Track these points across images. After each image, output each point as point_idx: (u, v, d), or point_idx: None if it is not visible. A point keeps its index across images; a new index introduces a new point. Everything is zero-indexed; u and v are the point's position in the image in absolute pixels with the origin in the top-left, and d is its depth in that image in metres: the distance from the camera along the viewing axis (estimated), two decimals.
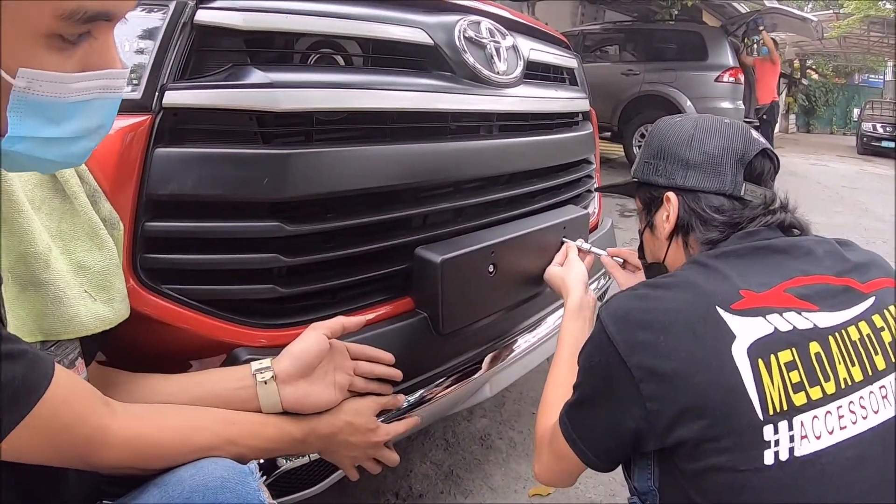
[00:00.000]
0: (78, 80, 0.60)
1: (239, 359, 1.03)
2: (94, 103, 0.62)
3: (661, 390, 0.83)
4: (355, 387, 1.07)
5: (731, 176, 1.04)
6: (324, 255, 1.14)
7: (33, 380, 0.65)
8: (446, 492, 1.85)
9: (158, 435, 0.80)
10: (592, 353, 0.93)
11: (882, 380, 0.86)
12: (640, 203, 1.18)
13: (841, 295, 0.91)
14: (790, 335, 0.84)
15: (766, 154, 1.07)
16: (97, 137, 0.66)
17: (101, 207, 0.91)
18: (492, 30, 1.50)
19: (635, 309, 0.90)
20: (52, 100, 0.58)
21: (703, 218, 1.04)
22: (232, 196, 1.04)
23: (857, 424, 0.82)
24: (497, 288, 1.41)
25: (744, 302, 0.86)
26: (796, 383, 0.81)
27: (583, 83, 2.03)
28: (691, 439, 0.82)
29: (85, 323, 0.81)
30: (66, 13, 0.55)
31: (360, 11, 1.24)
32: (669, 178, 1.08)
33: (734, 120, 1.11)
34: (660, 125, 1.16)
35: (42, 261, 0.78)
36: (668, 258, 1.12)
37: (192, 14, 1.03)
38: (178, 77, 1.02)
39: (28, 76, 0.56)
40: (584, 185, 1.94)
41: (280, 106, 1.06)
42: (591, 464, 0.97)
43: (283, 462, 1.07)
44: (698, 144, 1.07)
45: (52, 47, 0.57)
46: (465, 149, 1.39)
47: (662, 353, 0.84)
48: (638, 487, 1.03)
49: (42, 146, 0.60)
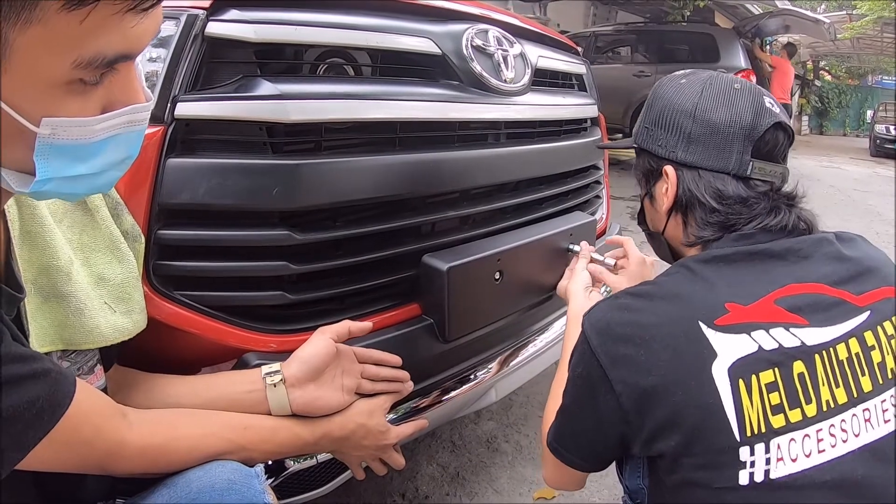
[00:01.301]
0: (101, 121, 0.59)
1: (249, 363, 1.06)
2: (120, 137, 0.61)
3: (641, 405, 0.82)
4: (363, 389, 1.08)
5: (738, 154, 0.95)
6: (332, 263, 1.16)
7: (57, 398, 0.68)
8: (452, 493, 1.87)
9: (172, 443, 0.83)
10: (577, 362, 0.92)
11: (867, 402, 0.83)
12: (640, 169, 1.10)
13: (833, 308, 0.87)
14: (774, 354, 0.81)
15: (778, 127, 0.97)
16: (124, 167, 0.66)
17: (123, 220, 0.93)
18: (499, 38, 1.51)
19: (616, 321, 0.87)
20: (78, 142, 0.58)
21: (701, 203, 0.97)
22: (242, 205, 1.06)
23: (837, 448, 0.80)
24: (503, 295, 1.42)
25: (729, 317, 0.83)
26: (776, 405, 0.79)
27: (591, 88, 2.03)
28: (669, 453, 0.82)
29: (105, 334, 0.84)
30: (85, 62, 0.54)
31: (368, 22, 1.26)
32: (669, 150, 1.00)
33: (746, 84, 1.00)
34: (663, 86, 1.06)
35: (64, 273, 0.81)
36: (667, 231, 1.06)
37: (204, 26, 1.05)
38: (189, 88, 1.04)
39: (52, 124, 0.55)
40: (591, 191, 1.95)
41: (290, 117, 1.08)
42: (581, 468, 0.98)
43: (292, 464, 1.09)
44: (702, 115, 0.97)
45: (74, 92, 0.56)
46: (473, 157, 1.41)
47: (643, 369, 0.82)
48: (629, 486, 1.04)
49: (69, 183, 0.60)
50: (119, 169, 0.65)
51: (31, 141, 0.55)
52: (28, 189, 0.58)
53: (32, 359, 0.65)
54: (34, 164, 0.56)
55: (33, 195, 0.60)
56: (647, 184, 1.08)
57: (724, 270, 0.89)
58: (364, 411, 1.06)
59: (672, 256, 1.10)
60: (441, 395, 1.35)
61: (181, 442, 0.83)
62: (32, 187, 0.58)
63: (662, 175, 1.01)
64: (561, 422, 0.98)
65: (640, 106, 6.75)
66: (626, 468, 1.00)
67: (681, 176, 0.99)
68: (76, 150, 0.58)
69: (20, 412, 0.62)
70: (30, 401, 0.63)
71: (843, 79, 24.52)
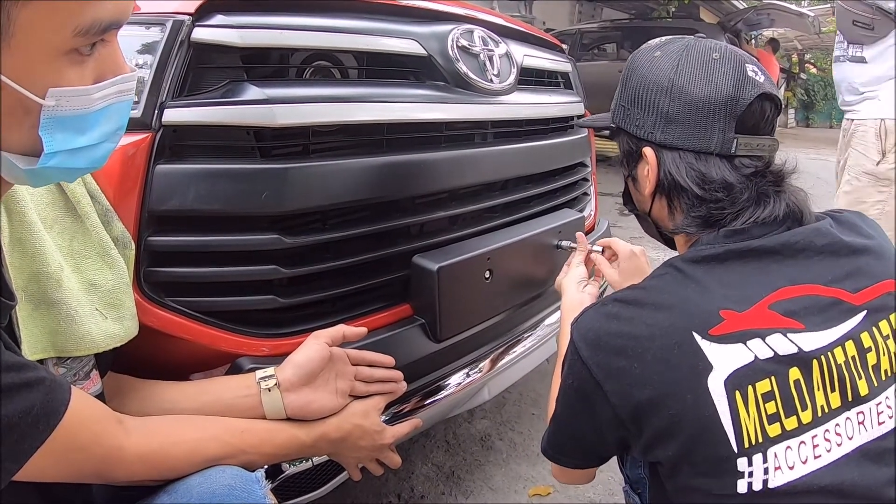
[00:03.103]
0: (99, 90, 0.62)
1: (242, 368, 1.06)
2: (112, 108, 0.65)
3: (637, 415, 0.82)
4: (356, 391, 1.09)
5: (720, 133, 0.89)
6: (323, 266, 1.17)
7: (52, 407, 0.68)
8: (447, 493, 1.87)
9: (170, 450, 0.82)
10: (568, 373, 0.89)
11: (861, 405, 0.82)
12: (620, 149, 1.04)
13: (829, 309, 0.84)
14: (770, 363, 0.79)
15: (764, 97, 0.91)
16: (116, 138, 0.69)
17: (113, 227, 0.93)
18: (485, 38, 1.52)
19: (606, 332, 0.84)
20: (79, 112, 0.61)
21: (683, 188, 0.91)
22: (231, 210, 1.06)
23: (832, 452, 0.79)
24: (493, 293, 1.43)
25: (724, 325, 0.80)
26: (772, 414, 0.78)
27: (577, 87, 2.05)
28: (668, 460, 0.82)
29: (97, 341, 0.84)
30: (84, 28, 0.57)
31: (354, 24, 1.27)
32: (647, 131, 0.94)
33: (727, 51, 0.93)
34: (638, 59, 0.99)
35: (54, 280, 0.81)
36: (653, 213, 1.01)
37: (190, 32, 1.05)
38: (176, 95, 1.04)
39: (57, 94, 0.58)
40: (579, 188, 1.96)
41: (277, 121, 1.08)
42: (584, 466, 0.98)
43: (288, 466, 1.09)
44: (679, 93, 0.91)
45: (73, 62, 0.59)
46: (460, 157, 1.41)
47: (637, 382, 0.80)
48: (630, 476, 1.04)
49: (71, 156, 0.62)
50: (112, 140, 0.68)
51: (34, 118, 0.59)
52: (36, 165, 0.61)
53: (26, 367, 0.66)
54: (38, 142, 0.60)
55: (37, 174, 0.62)
56: (628, 165, 1.02)
57: (715, 271, 0.85)
58: (359, 412, 1.06)
59: (660, 236, 1.07)
60: (434, 394, 1.35)
61: (179, 447, 0.83)
62: (40, 163, 0.61)
63: (643, 157, 0.96)
64: (555, 430, 0.97)
65: None
66: (627, 458, 1.01)
67: (661, 158, 0.93)
68: (77, 120, 0.61)
69: (15, 422, 0.62)
70: (24, 410, 0.63)
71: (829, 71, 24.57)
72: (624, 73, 1.01)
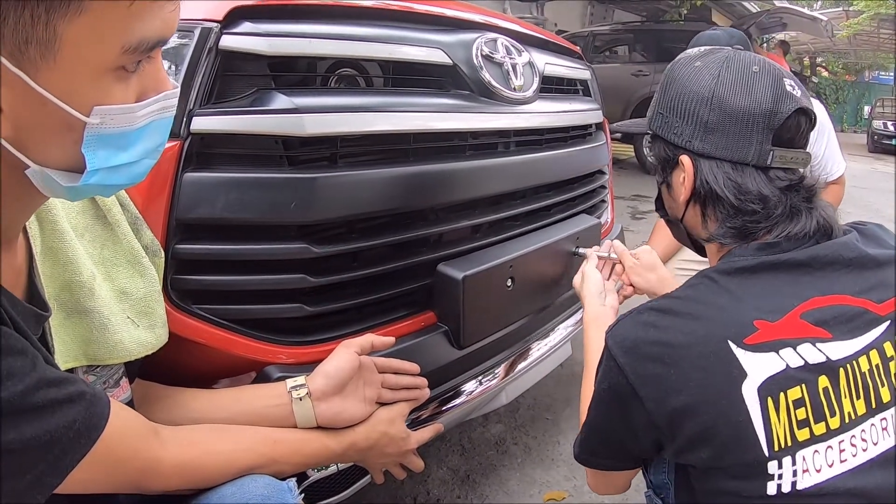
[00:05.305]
0: (143, 108, 0.61)
1: (270, 376, 1.07)
2: (154, 124, 0.64)
3: (672, 421, 0.83)
4: (383, 398, 1.10)
5: (758, 144, 0.91)
6: (350, 275, 1.17)
7: (93, 421, 0.68)
8: (462, 496, 1.88)
9: (206, 461, 0.83)
10: (603, 378, 0.91)
11: (884, 412, 0.85)
12: (655, 155, 1.05)
13: (856, 319, 0.86)
14: (801, 371, 0.82)
15: (800, 112, 0.92)
16: (156, 155, 0.68)
17: (143, 235, 0.94)
18: (508, 46, 1.52)
19: (643, 340, 0.86)
20: (122, 129, 0.60)
21: (719, 197, 0.93)
22: (260, 219, 1.06)
23: (857, 457, 0.82)
24: (514, 300, 1.44)
25: (758, 335, 0.82)
26: (802, 420, 0.81)
27: (596, 93, 2.05)
28: (700, 464, 0.84)
29: (129, 348, 0.85)
30: (132, 46, 0.56)
31: (381, 33, 1.27)
32: (686, 140, 0.96)
33: (765, 65, 0.95)
34: (678, 69, 1.01)
35: (87, 289, 0.81)
36: (685, 220, 1.03)
37: (218, 40, 1.05)
38: (204, 102, 1.04)
39: (102, 112, 0.57)
40: (597, 195, 1.96)
41: (306, 131, 1.08)
42: (617, 469, 1.00)
43: (313, 472, 1.09)
44: (719, 103, 0.93)
45: (118, 79, 0.58)
46: (484, 166, 1.42)
47: (673, 388, 0.83)
48: (654, 480, 1.05)
49: (112, 173, 0.62)
50: (153, 157, 0.67)
51: (77, 135, 0.57)
52: (78, 183, 0.60)
53: (67, 382, 0.66)
54: (79, 158, 0.58)
55: (77, 190, 0.61)
56: (663, 171, 1.04)
57: (749, 282, 0.88)
58: (385, 420, 1.07)
59: (692, 243, 1.09)
60: (455, 400, 1.36)
61: (214, 457, 0.84)
62: (83, 180, 0.60)
63: (679, 164, 0.98)
64: (588, 434, 0.99)
65: (638, 105, 6.65)
66: (651, 463, 1.01)
67: (698, 166, 0.95)
68: (119, 138, 0.60)
69: (57, 437, 0.63)
70: (66, 425, 0.64)
71: (840, 75, 24.52)
72: (662, 82, 1.03)
